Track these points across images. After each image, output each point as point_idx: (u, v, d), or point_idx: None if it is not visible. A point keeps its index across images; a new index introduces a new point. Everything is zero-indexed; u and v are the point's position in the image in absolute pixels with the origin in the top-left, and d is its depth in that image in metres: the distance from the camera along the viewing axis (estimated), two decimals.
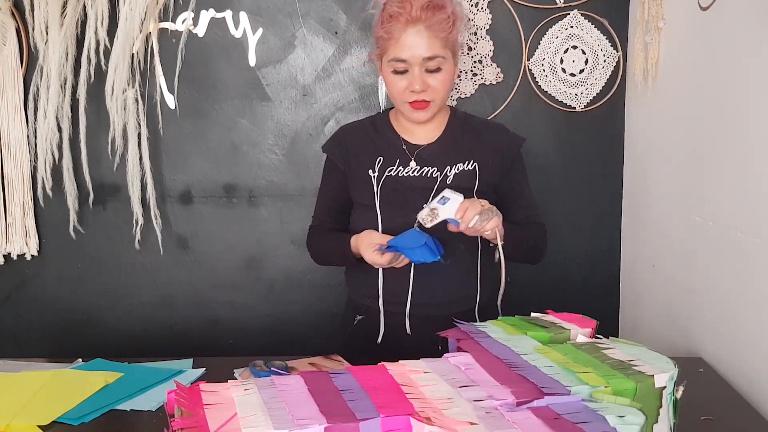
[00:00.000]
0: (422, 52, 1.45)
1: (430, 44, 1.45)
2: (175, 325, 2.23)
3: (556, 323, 1.26)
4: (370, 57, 1.59)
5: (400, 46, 1.46)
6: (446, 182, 1.54)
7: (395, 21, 1.45)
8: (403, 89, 1.49)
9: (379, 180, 1.56)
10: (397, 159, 1.57)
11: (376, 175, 1.57)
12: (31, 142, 2.07)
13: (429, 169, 1.56)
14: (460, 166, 1.56)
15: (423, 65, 1.46)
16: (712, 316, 1.59)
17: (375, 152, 1.59)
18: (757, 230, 1.38)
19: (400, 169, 1.57)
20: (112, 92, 2.04)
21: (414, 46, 1.45)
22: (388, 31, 1.46)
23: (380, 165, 1.57)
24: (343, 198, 1.64)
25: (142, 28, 2.02)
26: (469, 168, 1.56)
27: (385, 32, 1.47)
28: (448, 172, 1.56)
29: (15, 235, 2.11)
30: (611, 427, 0.88)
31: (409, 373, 1.04)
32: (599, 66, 2.10)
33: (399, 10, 1.45)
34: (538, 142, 2.11)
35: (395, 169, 1.57)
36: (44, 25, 1.99)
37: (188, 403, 0.92)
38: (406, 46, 1.45)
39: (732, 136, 1.49)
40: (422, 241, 1.43)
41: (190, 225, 2.19)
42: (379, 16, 1.51)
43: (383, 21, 1.48)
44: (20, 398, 1.30)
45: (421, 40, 1.45)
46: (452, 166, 1.56)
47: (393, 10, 1.46)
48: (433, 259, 1.43)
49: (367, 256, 1.47)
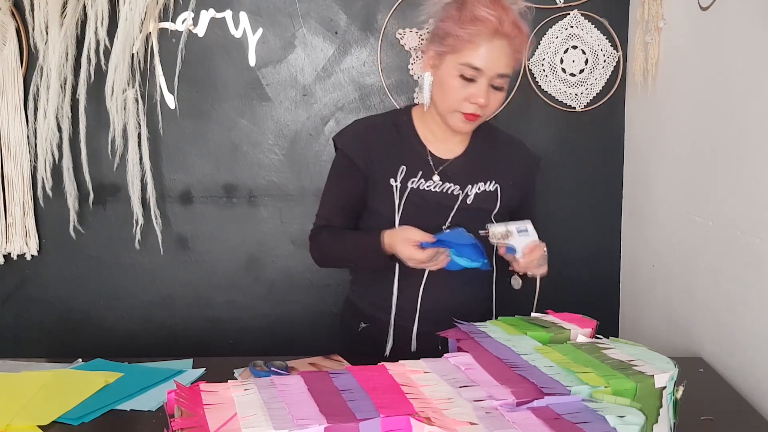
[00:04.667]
0: (499, 67, 1.38)
1: (508, 62, 1.38)
2: (175, 325, 2.23)
3: (556, 323, 1.26)
4: (425, 50, 1.46)
5: (480, 54, 1.36)
6: (467, 201, 1.50)
7: (482, 26, 1.35)
8: (463, 97, 1.40)
9: (402, 192, 1.49)
10: (420, 170, 1.50)
11: (399, 186, 1.49)
12: (31, 142, 2.07)
13: (451, 186, 1.50)
14: (481, 185, 1.51)
15: (492, 80, 1.39)
16: (712, 316, 1.59)
17: (398, 159, 1.50)
18: (757, 230, 1.38)
19: (421, 181, 1.49)
20: (112, 92, 2.04)
21: (494, 59, 1.36)
22: (471, 35, 1.35)
23: (403, 175, 1.49)
24: (357, 200, 1.54)
25: (142, 28, 2.02)
26: (491, 189, 1.52)
27: (467, 34, 1.35)
28: (469, 191, 1.50)
29: (15, 235, 2.10)
30: (611, 427, 0.88)
31: (409, 373, 1.04)
32: (599, 66, 2.10)
33: (489, 17, 1.34)
34: (538, 142, 2.11)
35: (417, 180, 1.49)
36: (44, 25, 1.99)
37: (188, 403, 0.92)
38: (487, 56, 1.36)
39: (732, 136, 1.49)
40: (472, 240, 1.37)
41: (190, 225, 2.19)
42: (454, 12, 1.38)
43: (464, 20, 1.36)
44: (20, 398, 1.30)
45: (502, 55, 1.37)
46: (473, 184, 1.51)
47: (481, 13, 1.35)
48: (478, 262, 1.36)
49: (405, 252, 1.38)
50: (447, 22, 1.39)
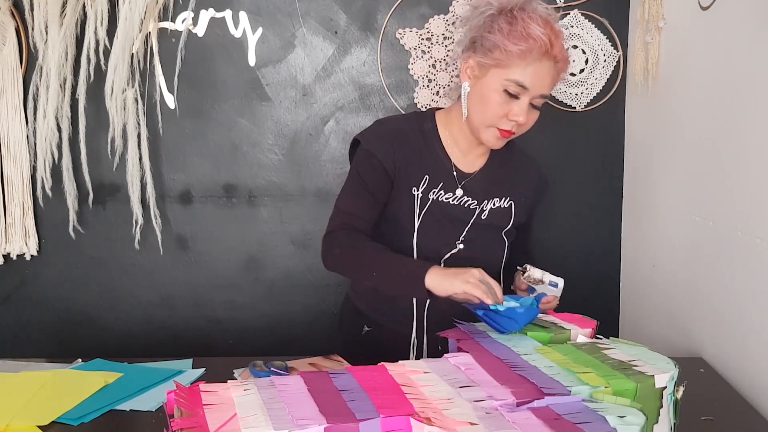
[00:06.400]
0: (544, 88, 1.37)
1: (551, 84, 1.38)
2: (174, 326, 2.23)
3: (557, 323, 1.26)
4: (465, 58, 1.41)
5: (529, 72, 1.34)
6: (482, 217, 1.50)
7: (534, 44, 1.32)
8: (503, 113, 1.37)
9: (423, 202, 1.46)
10: (441, 182, 1.47)
11: (420, 196, 1.46)
12: (31, 142, 2.07)
13: (469, 201, 1.49)
14: (496, 201, 1.51)
15: (533, 99, 1.37)
16: (712, 316, 1.59)
17: (422, 168, 1.47)
18: (757, 230, 1.38)
19: (441, 193, 1.47)
20: (112, 92, 2.03)
21: (540, 79, 1.35)
22: (522, 52, 1.33)
23: (425, 185, 1.47)
24: (383, 204, 1.48)
25: (142, 28, 2.02)
26: (505, 206, 1.52)
27: (518, 50, 1.32)
28: (485, 206, 1.50)
29: (15, 235, 2.10)
30: (611, 428, 0.88)
31: (409, 373, 1.04)
32: (599, 66, 2.10)
33: (542, 36, 1.32)
34: (538, 142, 2.11)
35: (437, 191, 1.47)
36: (44, 24, 1.99)
37: (188, 403, 0.92)
38: (534, 75, 1.34)
39: (732, 135, 1.49)
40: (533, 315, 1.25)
41: (189, 225, 2.18)
42: (504, 25, 1.35)
43: (516, 36, 1.33)
44: (20, 398, 1.30)
45: (548, 76, 1.36)
46: (489, 200, 1.50)
47: (536, 32, 1.32)
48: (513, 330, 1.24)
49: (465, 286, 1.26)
50: (496, 35, 1.35)
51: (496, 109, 1.37)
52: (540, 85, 1.36)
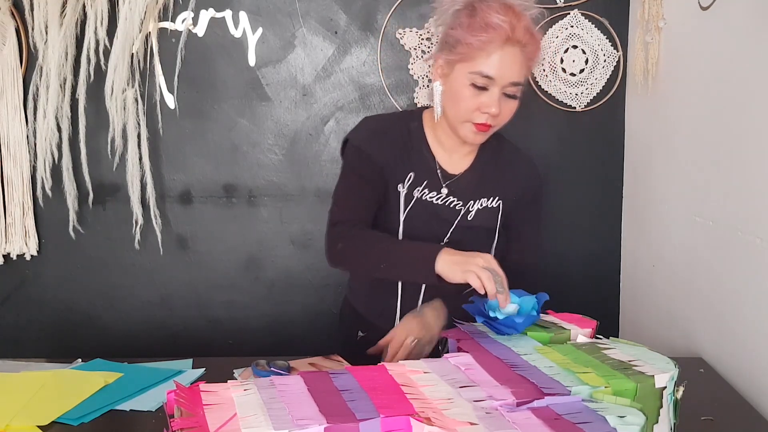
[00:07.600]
0: (512, 75, 1.34)
1: (520, 69, 1.34)
2: (174, 325, 2.23)
3: (557, 323, 1.26)
4: (435, 58, 1.41)
5: (492, 62, 1.32)
6: (467, 218, 1.48)
7: (494, 33, 1.30)
8: (475, 107, 1.36)
9: (407, 200, 1.46)
10: (426, 180, 1.47)
11: (405, 194, 1.46)
12: (31, 142, 2.07)
13: (454, 201, 1.47)
14: (484, 201, 1.49)
15: (504, 88, 1.35)
16: (712, 316, 1.59)
17: (407, 166, 1.47)
18: (757, 230, 1.38)
19: (425, 191, 1.47)
20: (112, 92, 2.03)
21: (506, 67, 1.32)
22: (482, 42, 1.31)
23: (410, 182, 1.46)
24: (380, 196, 1.47)
25: (142, 28, 2.02)
26: (493, 205, 1.50)
27: (478, 41, 1.31)
28: (471, 207, 1.48)
29: (15, 235, 2.10)
30: (611, 428, 0.88)
31: (409, 373, 1.04)
32: (599, 66, 2.10)
33: (501, 24, 1.30)
34: (538, 142, 2.11)
35: (422, 189, 1.46)
36: (44, 24, 1.99)
37: (188, 403, 0.92)
38: (499, 64, 1.32)
39: (732, 135, 1.49)
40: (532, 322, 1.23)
41: (189, 225, 2.18)
42: (464, 19, 1.34)
43: (475, 27, 1.31)
44: (20, 398, 1.30)
45: (515, 63, 1.33)
46: (476, 200, 1.49)
47: (493, 20, 1.30)
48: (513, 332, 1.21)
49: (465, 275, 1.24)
50: (457, 30, 1.34)
51: (468, 104, 1.36)
52: (508, 74, 1.33)
